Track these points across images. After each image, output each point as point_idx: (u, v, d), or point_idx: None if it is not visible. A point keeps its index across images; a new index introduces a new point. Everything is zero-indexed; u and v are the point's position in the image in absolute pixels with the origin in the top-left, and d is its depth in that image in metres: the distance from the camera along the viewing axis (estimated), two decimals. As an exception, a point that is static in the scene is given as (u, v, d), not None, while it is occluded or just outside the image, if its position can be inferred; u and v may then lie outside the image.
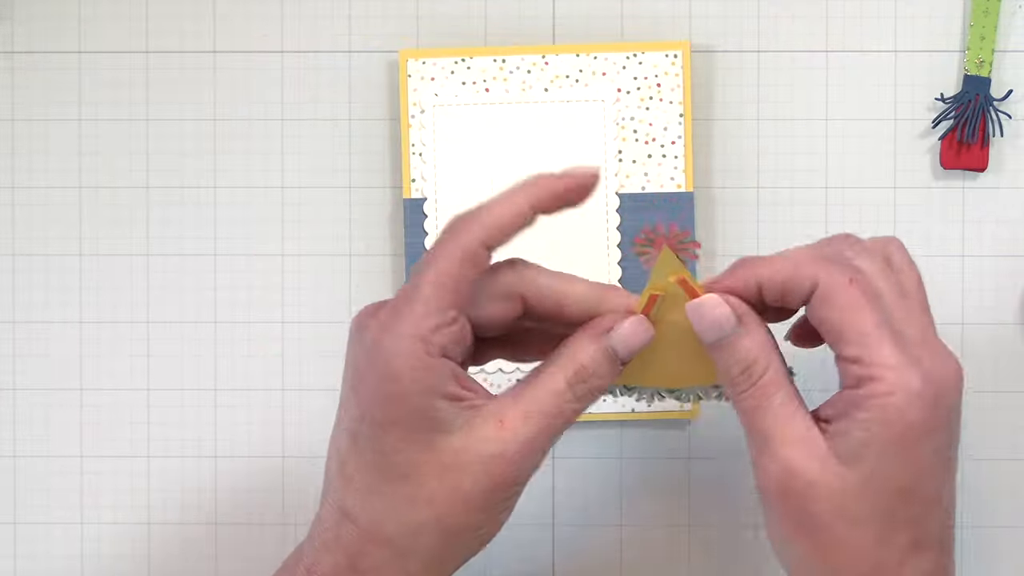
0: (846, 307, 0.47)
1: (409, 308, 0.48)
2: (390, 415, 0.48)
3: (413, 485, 0.49)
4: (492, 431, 0.48)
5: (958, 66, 0.70)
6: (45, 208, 0.72)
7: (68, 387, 0.72)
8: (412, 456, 0.48)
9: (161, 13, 0.72)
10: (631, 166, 0.69)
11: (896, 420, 0.47)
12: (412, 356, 0.48)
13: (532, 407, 0.49)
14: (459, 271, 0.48)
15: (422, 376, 0.48)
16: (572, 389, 0.49)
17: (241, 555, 0.72)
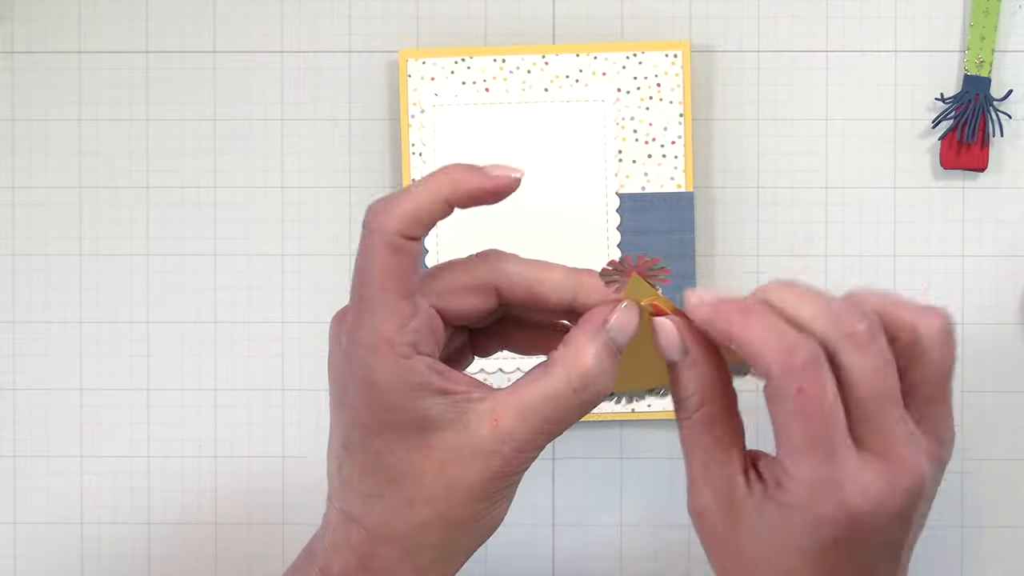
0: (785, 411, 0.46)
1: (366, 315, 0.47)
2: (378, 420, 0.48)
3: (411, 485, 0.48)
4: (487, 429, 0.48)
5: (958, 66, 0.71)
6: (45, 208, 0.72)
7: (68, 387, 0.72)
8: (406, 456, 0.48)
9: (161, 13, 0.72)
10: (631, 166, 0.69)
11: (797, 532, 0.47)
12: (385, 361, 0.47)
13: (529, 408, 0.48)
14: (394, 266, 0.47)
15: (400, 378, 0.47)
16: (578, 393, 0.49)
17: (241, 555, 0.72)
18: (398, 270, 0.47)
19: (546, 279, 0.50)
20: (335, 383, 0.50)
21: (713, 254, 0.71)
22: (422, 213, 0.47)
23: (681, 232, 0.69)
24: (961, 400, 0.71)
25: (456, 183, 0.48)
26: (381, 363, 0.47)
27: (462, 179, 0.48)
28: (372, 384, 0.47)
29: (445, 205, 0.48)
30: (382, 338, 0.47)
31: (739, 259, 0.71)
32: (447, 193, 0.48)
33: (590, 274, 0.50)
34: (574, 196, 0.69)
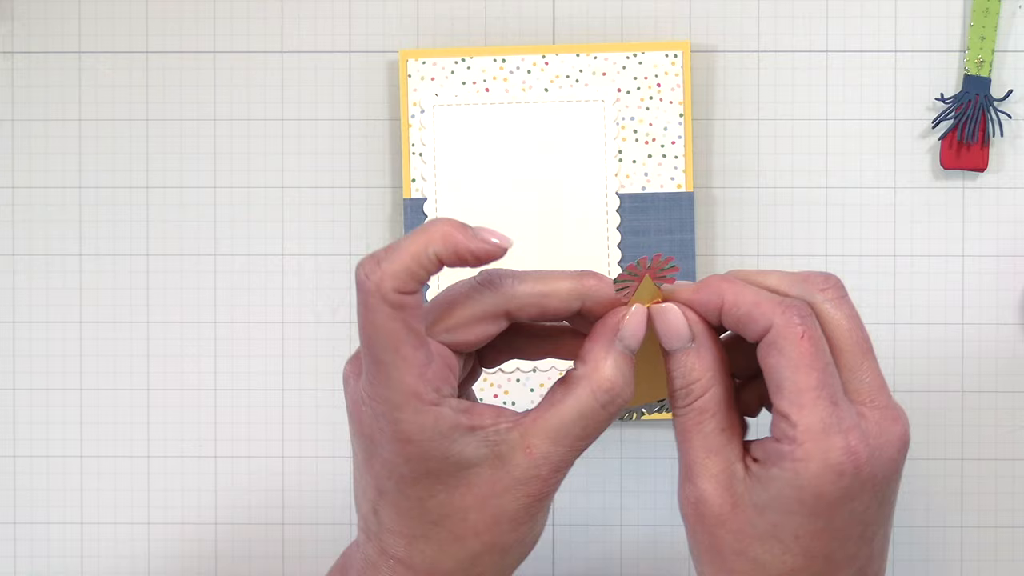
0: (790, 360, 0.47)
1: (384, 374, 0.47)
2: (416, 470, 0.48)
3: (456, 523, 0.49)
4: (522, 458, 0.48)
5: (958, 66, 0.71)
6: (45, 208, 0.72)
7: (68, 387, 0.72)
8: (447, 498, 0.49)
9: (161, 13, 0.72)
10: (631, 166, 0.69)
11: (807, 486, 0.47)
12: (414, 414, 0.47)
13: (559, 430, 0.49)
14: (399, 323, 0.47)
15: (431, 427, 0.47)
16: (606, 408, 0.49)
17: (241, 555, 0.72)
18: (405, 325, 0.46)
19: (553, 292, 0.50)
20: (361, 436, 0.49)
21: (713, 254, 0.71)
22: (416, 268, 0.46)
23: (681, 232, 0.69)
24: (961, 400, 0.71)
25: (446, 241, 0.47)
26: (410, 417, 0.47)
27: (452, 239, 0.47)
28: (405, 439, 0.47)
29: (436, 261, 0.47)
30: (406, 393, 0.47)
31: (739, 259, 0.71)
32: (438, 249, 0.47)
33: (595, 278, 0.50)
34: (574, 196, 0.69)
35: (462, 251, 0.47)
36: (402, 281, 0.46)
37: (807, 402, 0.47)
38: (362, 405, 0.48)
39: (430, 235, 0.47)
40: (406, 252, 0.46)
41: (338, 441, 0.72)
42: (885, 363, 0.70)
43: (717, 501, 0.49)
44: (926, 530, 0.71)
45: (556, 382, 0.50)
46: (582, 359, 0.50)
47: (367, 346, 0.47)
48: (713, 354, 0.50)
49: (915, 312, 0.71)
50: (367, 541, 0.51)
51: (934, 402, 0.71)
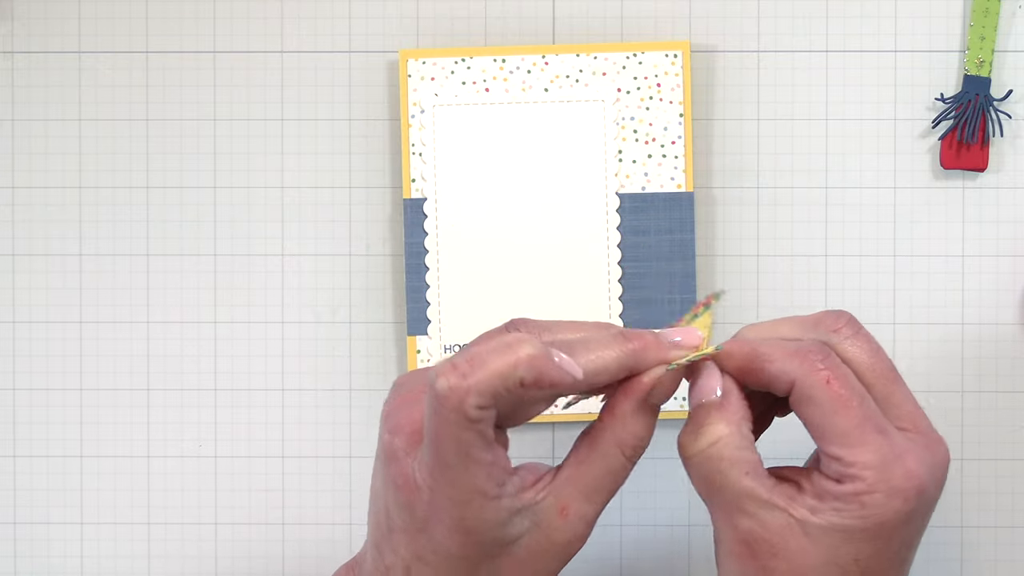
0: (825, 407, 0.47)
1: (452, 473, 0.47)
2: (468, 553, 0.48)
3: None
4: (557, 521, 0.49)
5: (958, 66, 0.70)
6: (45, 208, 0.72)
7: (68, 387, 0.72)
8: (490, 568, 0.49)
9: (161, 13, 0.72)
10: (631, 166, 0.69)
11: (871, 515, 0.47)
12: (479, 510, 0.47)
13: (592, 488, 0.49)
14: (477, 435, 0.46)
15: (493, 520, 0.48)
16: (632, 461, 0.50)
17: (241, 555, 0.72)
18: (480, 435, 0.46)
19: (602, 368, 0.49)
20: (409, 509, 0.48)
21: (713, 254, 0.71)
22: (501, 389, 0.46)
23: (681, 232, 0.69)
24: (961, 400, 0.71)
25: (534, 366, 0.46)
26: (475, 513, 0.47)
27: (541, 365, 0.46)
28: (466, 531, 0.48)
29: (520, 386, 0.46)
30: (473, 492, 0.47)
31: (739, 259, 0.71)
32: (525, 375, 0.46)
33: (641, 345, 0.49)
34: (574, 196, 0.69)
35: (546, 380, 0.46)
36: (487, 400, 0.46)
37: (855, 440, 0.47)
38: (416, 486, 0.48)
39: (519, 357, 0.46)
40: (494, 371, 0.45)
41: (338, 441, 0.72)
42: (885, 363, 0.70)
43: (767, 534, 0.48)
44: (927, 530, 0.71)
45: (581, 435, 0.51)
46: (610, 411, 0.50)
47: (435, 447, 0.46)
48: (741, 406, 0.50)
49: (915, 312, 0.71)
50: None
51: (934, 402, 0.71)
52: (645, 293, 0.69)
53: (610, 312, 0.69)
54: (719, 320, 0.71)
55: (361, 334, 0.71)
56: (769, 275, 0.71)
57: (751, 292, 0.71)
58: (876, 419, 0.47)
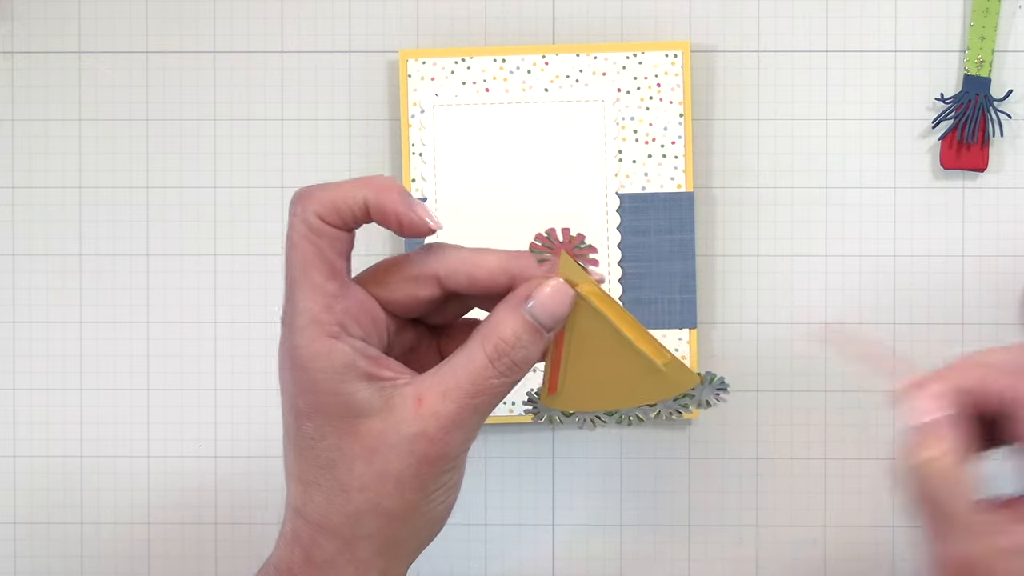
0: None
1: (293, 297, 0.48)
2: (309, 403, 0.48)
3: (343, 471, 0.48)
4: (411, 411, 0.48)
5: (958, 66, 0.71)
6: (45, 208, 0.72)
7: (68, 387, 0.72)
8: (336, 442, 0.48)
9: (161, 13, 0.72)
10: (631, 166, 0.69)
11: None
12: (310, 341, 0.48)
13: (451, 384, 0.48)
14: (314, 248, 0.48)
15: (326, 359, 0.48)
16: (494, 364, 0.48)
17: (241, 555, 0.72)
18: (318, 251, 0.48)
19: (483, 262, 0.50)
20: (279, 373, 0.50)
21: (713, 254, 0.71)
22: (340, 203, 0.48)
23: (681, 232, 0.69)
24: (961, 400, 0.71)
25: (380, 193, 0.48)
26: (307, 343, 0.47)
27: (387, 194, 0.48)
28: (299, 365, 0.48)
29: (364, 207, 0.48)
30: (308, 318, 0.48)
31: (739, 259, 0.71)
32: (368, 196, 0.48)
33: (527, 257, 0.50)
34: (574, 196, 0.69)
35: (389, 209, 0.48)
36: (325, 210, 0.47)
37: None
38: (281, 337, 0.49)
39: (368, 183, 0.48)
40: (339, 188, 0.48)
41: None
42: (885, 363, 0.70)
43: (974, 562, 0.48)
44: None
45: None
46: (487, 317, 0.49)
47: (286, 268, 0.48)
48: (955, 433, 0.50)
49: (915, 312, 0.71)
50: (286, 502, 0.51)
51: (934, 402, 0.71)
52: (645, 293, 0.69)
53: (610, 312, 0.69)
54: (721, 320, 0.71)
55: (361, 334, 0.71)
56: (769, 275, 0.71)
57: (751, 292, 0.71)
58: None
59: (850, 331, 0.49)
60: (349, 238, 0.49)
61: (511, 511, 0.71)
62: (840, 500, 0.71)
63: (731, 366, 0.71)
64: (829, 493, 0.71)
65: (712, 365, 0.71)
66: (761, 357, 0.71)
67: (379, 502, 0.48)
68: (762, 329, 0.71)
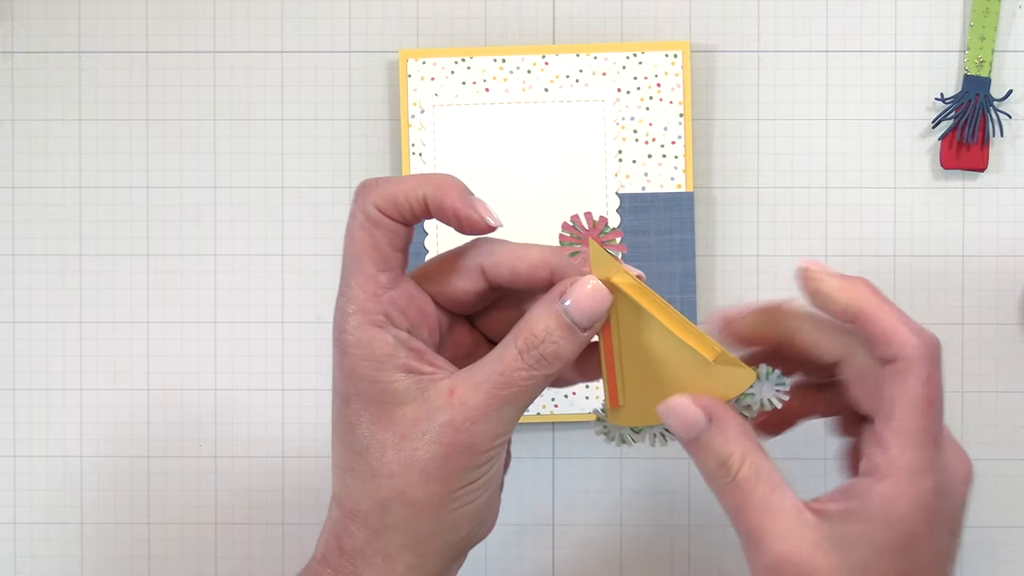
0: (912, 398, 0.47)
1: (345, 282, 0.49)
2: (350, 388, 0.49)
3: (374, 457, 0.48)
4: (443, 400, 0.48)
5: (958, 66, 0.71)
6: (45, 208, 0.72)
7: (68, 387, 0.72)
8: (371, 428, 0.49)
9: (161, 13, 0.72)
10: (631, 166, 0.69)
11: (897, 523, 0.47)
12: (357, 329, 0.49)
13: (482, 377, 0.48)
14: (369, 238, 0.49)
15: (368, 347, 0.48)
16: (523, 357, 0.48)
17: (241, 555, 0.72)
18: (373, 242, 0.49)
19: (525, 256, 0.50)
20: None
21: (713, 254, 0.71)
22: (399, 196, 0.48)
23: (681, 232, 0.69)
24: (962, 400, 0.71)
25: (439, 189, 0.49)
26: (351, 329, 0.49)
27: (446, 191, 0.49)
28: (344, 351, 0.49)
29: (423, 203, 0.49)
30: (356, 305, 0.49)
31: (739, 259, 0.71)
32: (428, 192, 0.49)
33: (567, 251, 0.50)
34: (574, 196, 0.69)
35: (448, 206, 0.48)
36: (384, 202, 0.48)
37: (914, 442, 0.46)
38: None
39: (429, 180, 0.49)
40: (401, 182, 0.49)
41: (338, 441, 0.72)
42: (885, 363, 0.70)
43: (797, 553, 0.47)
44: (926, 530, 0.71)
45: None
46: (523, 316, 0.49)
47: (343, 255, 0.49)
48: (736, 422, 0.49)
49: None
50: None
51: (934, 402, 0.71)
52: (645, 293, 0.69)
53: (610, 312, 0.69)
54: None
55: (361, 334, 0.71)
56: (769, 275, 0.71)
57: (751, 292, 0.71)
58: (938, 430, 0.47)
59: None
60: (406, 232, 0.50)
61: (511, 511, 0.71)
62: (840, 500, 0.71)
63: (731, 366, 0.71)
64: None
65: (712, 365, 0.71)
66: (761, 357, 0.71)
67: (405, 490, 0.48)
68: (762, 329, 0.71)
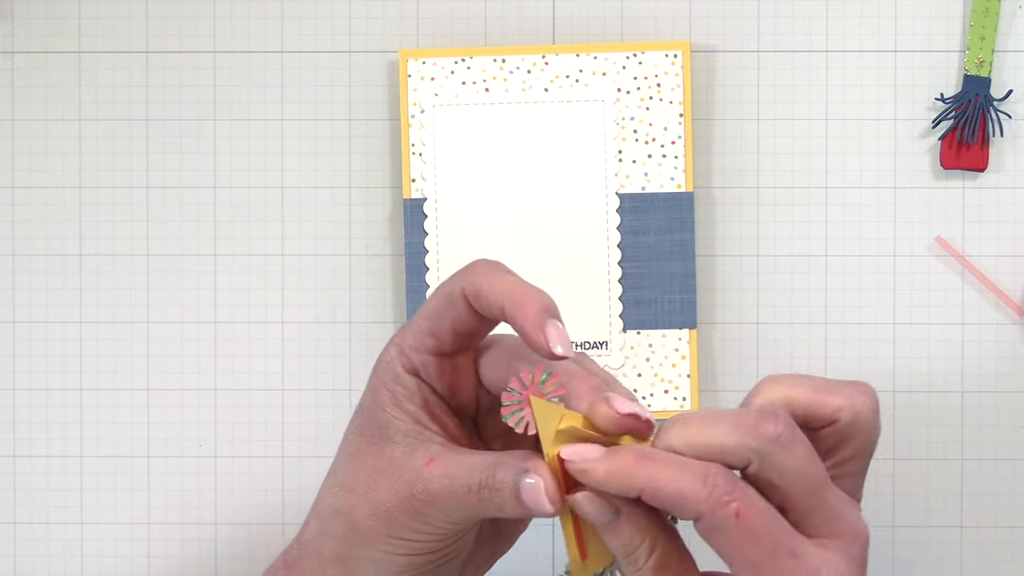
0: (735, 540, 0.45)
1: (411, 320, 0.51)
2: (363, 401, 0.51)
3: (350, 470, 0.51)
4: (419, 462, 0.49)
5: (958, 66, 0.71)
6: (45, 208, 0.72)
7: (68, 387, 0.72)
8: (361, 445, 0.51)
9: (161, 13, 0.72)
10: (631, 166, 0.69)
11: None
12: (388, 361, 0.51)
13: (454, 469, 0.49)
14: (443, 304, 0.50)
15: (388, 381, 0.50)
16: (479, 490, 0.48)
17: (241, 555, 0.72)
18: (441, 310, 0.50)
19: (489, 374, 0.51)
20: None
21: (713, 254, 0.71)
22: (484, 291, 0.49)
23: (681, 232, 0.69)
24: (961, 400, 0.71)
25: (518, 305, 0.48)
26: (388, 359, 0.51)
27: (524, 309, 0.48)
28: (374, 367, 0.51)
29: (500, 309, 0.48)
30: (397, 345, 0.51)
31: (739, 259, 0.71)
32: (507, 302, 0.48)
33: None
34: (574, 196, 0.69)
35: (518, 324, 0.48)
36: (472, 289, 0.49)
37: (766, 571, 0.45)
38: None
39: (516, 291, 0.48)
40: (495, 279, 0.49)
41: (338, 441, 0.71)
42: (885, 363, 0.70)
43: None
44: (926, 530, 0.71)
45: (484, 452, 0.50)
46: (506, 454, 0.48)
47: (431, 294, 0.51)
48: (644, 511, 0.47)
49: (915, 312, 0.71)
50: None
51: (934, 402, 0.71)
52: (645, 293, 0.69)
53: (610, 312, 0.69)
54: (721, 320, 0.71)
55: (361, 334, 0.71)
56: (769, 275, 0.71)
57: (751, 292, 0.71)
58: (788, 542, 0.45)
59: None
60: (475, 322, 0.50)
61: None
62: (840, 500, 0.71)
63: (731, 366, 0.71)
64: (829, 493, 0.71)
65: (712, 365, 0.71)
66: (761, 357, 0.71)
67: (354, 509, 0.50)
68: (762, 329, 0.71)
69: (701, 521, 0.46)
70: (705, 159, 0.71)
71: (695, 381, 0.69)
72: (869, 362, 0.71)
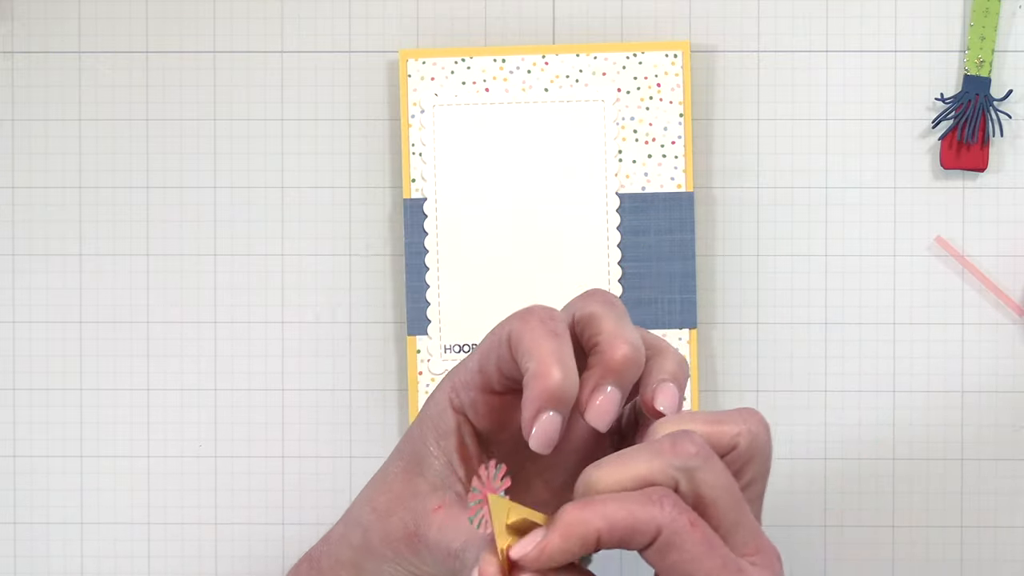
0: (692, 554, 0.45)
1: (460, 363, 0.51)
2: (411, 429, 0.52)
3: (379, 489, 0.52)
4: (432, 503, 0.50)
5: (958, 66, 0.71)
6: (45, 208, 0.72)
7: (68, 387, 0.72)
8: (396, 468, 0.52)
9: (161, 13, 0.72)
10: (631, 166, 0.69)
11: None
12: (439, 396, 0.51)
13: (450, 532, 0.49)
14: (495, 347, 0.49)
15: (434, 415, 0.51)
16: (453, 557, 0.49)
17: (241, 555, 0.72)
18: (492, 351, 0.49)
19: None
20: None
21: (713, 254, 0.71)
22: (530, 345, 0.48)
23: (681, 232, 0.69)
24: (961, 400, 0.71)
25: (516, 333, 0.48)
26: (440, 393, 0.51)
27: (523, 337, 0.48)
28: (433, 395, 0.51)
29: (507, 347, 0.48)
30: (451, 380, 0.51)
31: (739, 259, 0.71)
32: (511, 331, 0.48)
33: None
34: (574, 196, 0.69)
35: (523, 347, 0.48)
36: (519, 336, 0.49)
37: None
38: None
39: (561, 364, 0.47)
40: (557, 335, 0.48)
41: (338, 441, 0.72)
42: (885, 363, 0.70)
43: None
44: (926, 530, 0.71)
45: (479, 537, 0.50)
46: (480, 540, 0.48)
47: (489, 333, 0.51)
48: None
49: (915, 312, 0.71)
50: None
51: (934, 402, 0.71)
52: (645, 293, 0.69)
53: (610, 312, 0.69)
54: (721, 320, 0.71)
55: (361, 334, 0.71)
56: (769, 275, 0.71)
57: (751, 292, 0.71)
58: (732, 561, 0.46)
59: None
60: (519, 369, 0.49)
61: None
62: (840, 500, 0.71)
63: (731, 366, 0.71)
64: (829, 492, 0.71)
65: (712, 365, 0.71)
66: (761, 357, 0.71)
67: (370, 527, 0.52)
68: (762, 329, 0.71)
69: (657, 541, 0.46)
70: (705, 159, 0.71)
71: (695, 381, 0.69)
72: (869, 362, 0.71)
